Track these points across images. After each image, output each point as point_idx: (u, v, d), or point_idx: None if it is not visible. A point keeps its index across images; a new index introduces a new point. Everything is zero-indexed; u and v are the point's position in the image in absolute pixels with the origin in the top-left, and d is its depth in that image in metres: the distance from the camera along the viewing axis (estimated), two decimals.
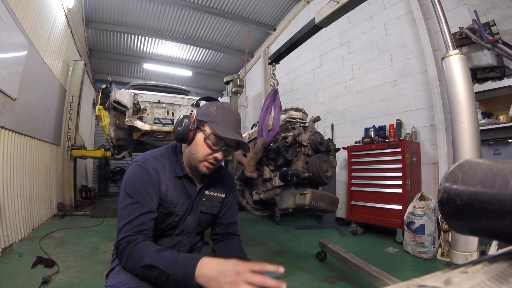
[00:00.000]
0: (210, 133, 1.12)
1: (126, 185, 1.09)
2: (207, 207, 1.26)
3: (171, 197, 1.15)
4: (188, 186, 1.20)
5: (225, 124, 1.13)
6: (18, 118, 3.22)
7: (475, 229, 0.31)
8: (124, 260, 0.97)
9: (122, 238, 1.00)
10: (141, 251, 0.95)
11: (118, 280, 0.97)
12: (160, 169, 1.15)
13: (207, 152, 1.13)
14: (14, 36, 3.00)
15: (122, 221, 1.03)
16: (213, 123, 1.12)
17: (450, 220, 0.33)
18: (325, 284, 2.29)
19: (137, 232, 1.01)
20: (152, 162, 1.15)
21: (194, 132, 1.15)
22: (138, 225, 1.02)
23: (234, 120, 1.17)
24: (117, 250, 1.01)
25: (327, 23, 2.10)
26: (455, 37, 3.08)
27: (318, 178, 2.05)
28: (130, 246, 0.97)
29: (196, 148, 1.14)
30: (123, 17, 6.65)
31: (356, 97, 4.76)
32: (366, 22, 4.66)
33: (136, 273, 0.94)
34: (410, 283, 0.28)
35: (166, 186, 1.14)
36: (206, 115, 1.15)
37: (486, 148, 2.90)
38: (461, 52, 2.01)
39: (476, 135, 1.93)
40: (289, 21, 6.65)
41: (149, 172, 1.11)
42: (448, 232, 2.70)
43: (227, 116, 1.15)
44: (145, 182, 1.09)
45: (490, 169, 0.30)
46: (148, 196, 1.07)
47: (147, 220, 1.05)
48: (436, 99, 3.54)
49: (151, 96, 4.34)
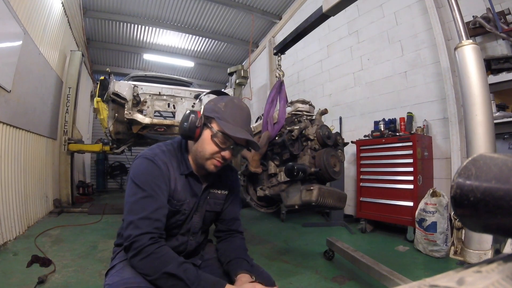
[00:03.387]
0: (217, 130, 1.09)
1: (136, 178, 1.06)
2: (211, 206, 1.25)
3: (179, 195, 1.14)
4: (194, 185, 1.19)
5: (234, 121, 1.10)
6: (13, 110, 3.18)
7: (489, 227, 0.31)
8: (140, 257, 0.94)
9: (142, 233, 0.96)
10: (165, 256, 0.95)
11: (118, 278, 0.95)
12: (169, 164, 1.13)
13: (214, 150, 1.10)
14: (8, 26, 2.95)
15: (136, 215, 0.99)
16: (221, 120, 1.09)
17: (463, 217, 0.32)
18: (333, 284, 2.26)
19: (156, 228, 1.00)
20: (161, 156, 1.13)
21: (201, 129, 1.11)
22: (155, 221, 1.00)
23: (243, 117, 1.14)
24: (130, 244, 0.96)
25: (335, 11, 2.08)
26: (469, 27, 3.05)
27: (325, 173, 2.03)
28: (154, 246, 0.95)
29: (203, 146, 1.11)
30: (122, 5, 6.57)
31: (365, 89, 4.69)
32: (375, 10, 4.56)
33: (150, 274, 0.93)
34: (421, 283, 0.28)
35: (175, 182, 1.13)
36: (214, 111, 1.12)
37: (501, 142, 2.90)
38: (475, 42, 2.03)
39: (490, 129, 1.96)
40: (296, 10, 6.57)
41: (160, 166, 1.09)
42: (461, 229, 2.68)
43: (236, 113, 1.12)
44: (156, 176, 1.07)
45: (505, 164, 0.30)
46: (159, 191, 1.05)
47: (162, 216, 1.03)
48: (449, 91, 3.47)
49: (151, 88, 4.30)
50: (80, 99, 6.13)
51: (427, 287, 0.27)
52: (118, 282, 0.92)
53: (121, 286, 0.91)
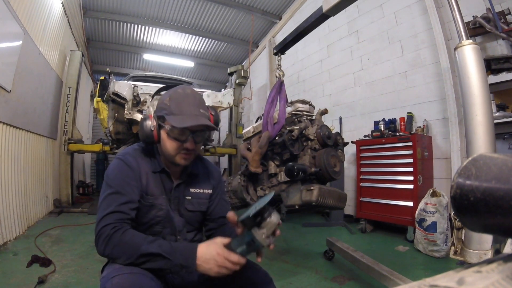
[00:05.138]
0: (170, 127, 1.10)
1: (106, 178, 1.11)
2: (194, 205, 1.24)
3: (152, 189, 1.16)
4: (165, 182, 1.20)
5: (181, 112, 1.10)
6: (13, 110, 3.18)
7: (490, 227, 0.31)
8: (109, 248, 0.97)
9: (105, 225, 0.99)
10: (133, 238, 0.97)
11: (111, 269, 0.96)
12: (140, 161, 1.16)
13: (175, 146, 1.12)
14: (8, 26, 2.95)
15: (102, 212, 1.02)
16: (170, 116, 1.10)
17: (464, 217, 0.32)
18: (333, 284, 2.25)
19: (119, 220, 1.01)
20: (132, 154, 1.17)
21: (158, 130, 1.14)
22: (119, 213, 1.02)
23: (190, 103, 1.13)
24: (96, 239, 0.99)
25: (335, 11, 2.09)
26: (469, 27, 3.04)
27: (325, 173, 2.04)
28: (117, 233, 0.97)
29: (165, 145, 1.14)
30: (122, 5, 6.55)
31: (365, 89, 4.68)
32: (375, 10, 4.56)
33: (128, 260, 0.95)
34: (421, 283, 0.28)
35: (146, 177, 1.15)
36: (162, 109, 1.13)
37: (501, 142, 2.89)
38: (475, 42, 1.97)
39: (490, 129, 1.91)
40: (295, 10, 6.56)
41: (130, 164, 1.12)
42: (461, 229, 2.67)
43: (182, 102, 1.12)
44: (125, 173, 1.10)
45: (505, 164, 0.30)
46: (128, 187, 1.08)
47: (128, 209, 1.05)
48: (449, 91, 3.46)
49: (151, 88, 4.31)
50: (80, 99, 6.11)
51: (427, 287, 0.27)
52: (111, 273, 0.93)
53: (114, 274, 0.92)
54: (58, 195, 4.95)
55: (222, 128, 7.70)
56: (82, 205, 5.10)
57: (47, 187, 4.52)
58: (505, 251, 1.86)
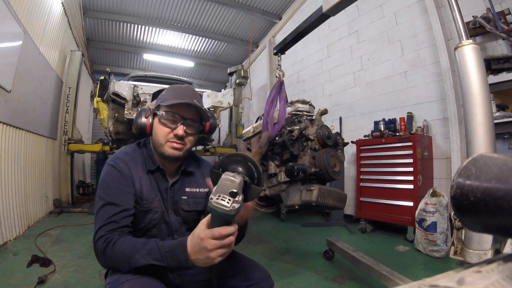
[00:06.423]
0: (162, 112, 1.12)
1: (99, 187, 1.09)
2: (190, 205, 1.23)
3: (147, 193, 1.14)
4: (160, 182, 1.19)
5: (174, 97, 1.13)
6: (13, 110, 3.17)
7: (490, 227, 0.31)
8: (108, 261, 0.97)
9: (98, 239, 0.98)
10: (123, 250, 0.94)
11: (118, 275, 0.96)
12: (132, 165, 1.14)
13: (165, 131, 1.12)
14: (8, 25, 2.95)
15: (96, 225, 1.02)
16: (163, 102, 1.13)
17: (464, 217, 0.32)
18: (333, 284, 2.25)
19: (111, 230, 1.00)
20: (123, 158, 1.14)
21: (152, 121, 1.15)
22: (111, 223, 1.01)
23: (184, 92, 1.16)
24: (96, 254, 1.00)
25: (335, 11, 2.09)
26: (469, 27, 3.04)
27: (325, 173, 2.04)
28: (108, 248, 0.96)
29: (156, 133, 1.14)
30: (122, 5, 6.54)
31: (365, 89, 4.67)
32: (375, 10, 4.55)
33: (128, 269, 0.94)
34: (421, 283, 0.28)
35: (139, 182, 1.13)
36: (158, 99, 1.17)
37: (501, 142, 2.90)
38: (475, 42, 2.03)
39: (490, 129, 1.95)
40: (295, 10, 6.55)
41: (121, 170, 1.10)
42: (461, 229, 2.69)
43: (176, 91, 1.16)
44: (117, 181, 1.08)
45: (505, 164, 0.30)
46: (121, 195, 1.06)
47: (122, 218, 1.03)
48: (449, 91, 3.46)
49: (151, 88, 4.29)
50: (80, 99, 6.09)
51: (427, 287, 0.27)
52: (119, 279, 0.93)
53: (124, 279, 0.91)
54: (58, 195, 4.94)
55: (222, 128, 7.70)
56: (82, 205, 5.08)
57: (47, 187, 4.52)
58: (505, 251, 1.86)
